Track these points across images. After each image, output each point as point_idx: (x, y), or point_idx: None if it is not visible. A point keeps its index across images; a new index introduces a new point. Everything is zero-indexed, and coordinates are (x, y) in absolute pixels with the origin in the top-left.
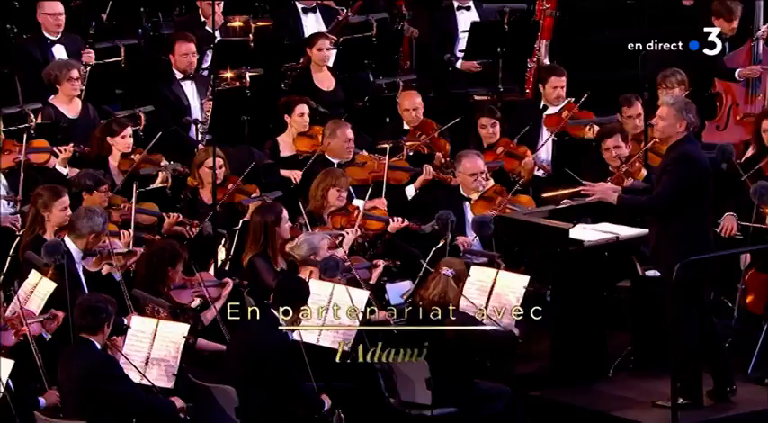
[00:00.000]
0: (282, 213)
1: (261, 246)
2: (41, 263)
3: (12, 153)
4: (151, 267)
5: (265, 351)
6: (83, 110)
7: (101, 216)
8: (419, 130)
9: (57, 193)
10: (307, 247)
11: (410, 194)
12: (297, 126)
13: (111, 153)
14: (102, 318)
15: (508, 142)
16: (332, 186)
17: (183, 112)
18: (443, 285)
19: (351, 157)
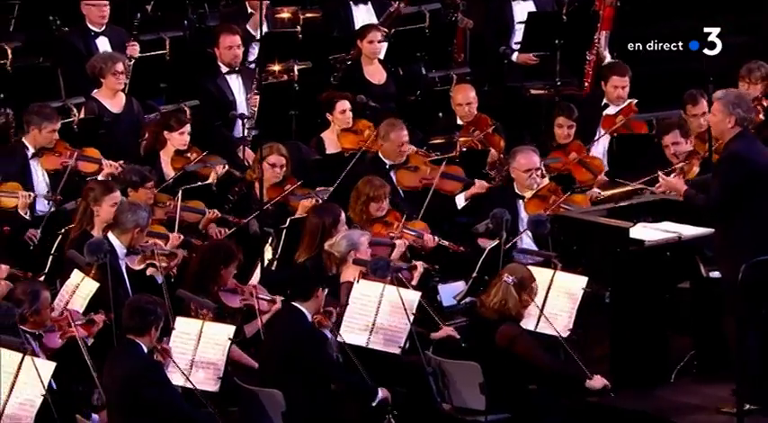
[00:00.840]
0: (341, 216)
1: (316, 248)
2: (84, 262)
3: (62, 156)
4: (204, 265)
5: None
6: (126, 104)
7: (144, 210)
8: (473, 125)
9: (108, 188)
10: (346, 243)
11: (460, 204)
12: (339, 123)
13: (165, 148)
14: (151, 320)
15: (581, 149)
16: (372, 200)
17: (229, 106)
18: (503, 293)
19: (403, 159)
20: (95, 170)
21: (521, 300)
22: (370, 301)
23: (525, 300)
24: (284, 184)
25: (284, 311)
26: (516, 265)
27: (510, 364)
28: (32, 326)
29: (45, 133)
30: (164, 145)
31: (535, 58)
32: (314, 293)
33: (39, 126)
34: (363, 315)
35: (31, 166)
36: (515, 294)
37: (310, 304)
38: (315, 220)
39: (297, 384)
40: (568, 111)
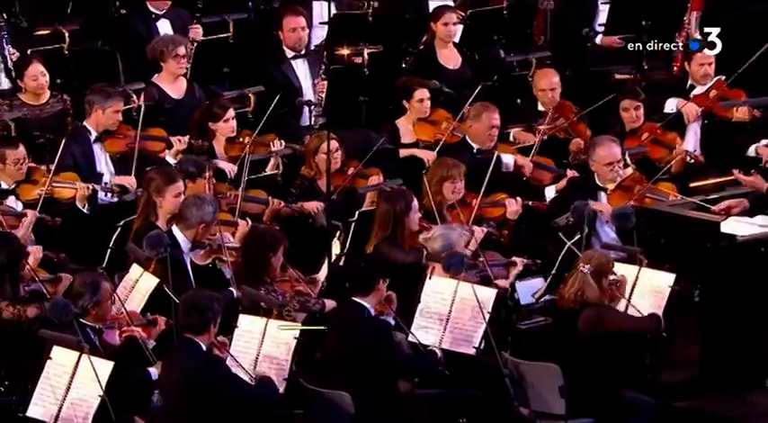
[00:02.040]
0: (413, 202)
1: (388, 235)
2: (143, 256)
3: (126, 138)
4: (251, 255)
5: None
6: (188, 90)
7: (211, 205)
8: (556, 112)
9: (171, 178)
10: (442, 242)
11: (549, 196)
12: (416, 112)
13: (216, 138)
14: (209, 317)
15: (654, 127)
16: (445, 179)
17: (295, 93)
18: (580, 283)
19: (492, 145)
20: (162, 149)
21: (601, 288)
22: (442, 299)
23: (606, 288)
24: (345, 169)
25: (345, 308)
26: (592, 251)
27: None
28: (93, 319)
29: (109, 113)
30: (213, 135)
31: (620, 41)
32: (375, 286)
33: (102, 106)
34: (436, 313)
35: (94, 150)
36: (593, 283)
37: (371, 298)
38: (384, 207)
39: (365, 386)
40: (632, 92)
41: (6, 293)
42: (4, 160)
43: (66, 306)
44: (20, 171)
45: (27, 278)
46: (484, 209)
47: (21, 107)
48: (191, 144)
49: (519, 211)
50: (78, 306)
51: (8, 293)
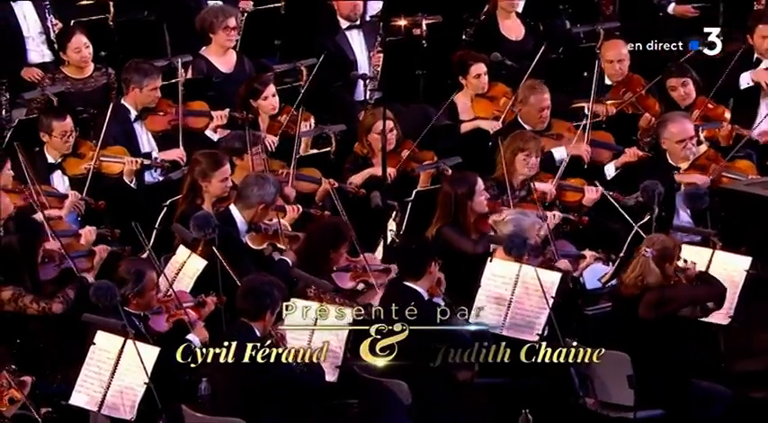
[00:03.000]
0: (477, 184)
1: (451, 220)
2: (190, 237)
3: (167, 115)
4: (311, 249)
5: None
6: (238, 63)
7: (272, 185)
8: (623, 86)
9: (217, 162)
10: (513, 227)
11: (609, 174)
12: (473, 88)
13: (260, 116)
14: (266, 303)
15: (705, 102)
16: (520, 150)
17: (349, 66)
18: (642, 267)
19: (545, 126)
20: (206, 124)
21: (664, 274)
22: (504, 283)
23: (671, 275)
24: (399, 149)
25: (397, 294)
26: (657, 235)
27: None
28: (136, 307)
29: (147, 91)
30: (257, 112)
31: (694, 10)
32: (427, 269)
33: (139, 84)
34: (497, 298)
35: (135, 130)
36: (656, 268)
37: (424, 281)
38: (447, 190)
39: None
40: (678, 70)
41: (24, 281)
42: (51, 132)
43: (111, 289)
44: (66, 144)
45: (57, 256)
46: (560, 191)
47: (63, 81)
48: (234, 118)
49: (596, 199)
50: (120, 293)
51: (26, 281)
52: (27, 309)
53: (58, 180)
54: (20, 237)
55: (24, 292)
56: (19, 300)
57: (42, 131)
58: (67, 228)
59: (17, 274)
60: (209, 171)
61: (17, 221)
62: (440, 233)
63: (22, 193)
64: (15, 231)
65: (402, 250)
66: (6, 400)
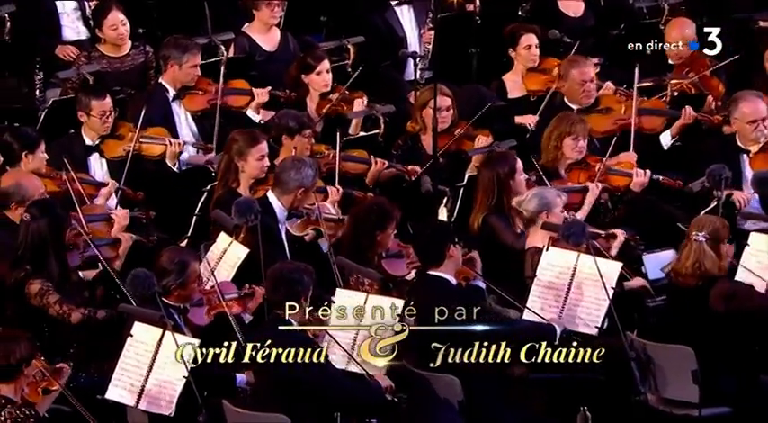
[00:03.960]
0: (517, 164)
1: (492, 203)
2: (231, 224)
3: (206, 94)
4: (356, 231)
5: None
6: (282, 41)
7: (311, 168)
8: (687, 66)
9: (254, 139)
10: (537, 202)
11: (666, 143)
12: (524, 61)
13: (309, 94)
14: (298, 290)
15: None
16: (567, 135)
17: (398, 44)
18: (697, 253)
19: (590, 101)
20: (246, 102)
21: (719, 255)
22: (561, 273)
23: (725, 255)
24: (453, 129)
25: (424, 286)
26: (703, 217)
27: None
28: (176, 299)
29: (186, 69)
30: (307, 90)
31: None
32: (446, 254)
33: (178, 61)
34: (553, 289)
35: (173, 110)
36: (710, 252)
37: (447, 267)
38: (487, 172)
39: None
40: None
41: (52, 269)
42: (89, 111)
43: (148, 278)
44: (105, 125)
45: (82, 244)
46: (606, 176)
47: (99, 59)
48: (275, 96)
49: (646, 183)
50: (161, 285)
51: (54, 269)
52: (49, 308)
53: (95, 163)
54: (49, 221)
55: (52, 290)
56: (45, 296)
57: (80, 111)
58: (99, 211)
59: (45, 261)
60: (246, 148)
61: (41, 205)
62: (486, 222)
63: (58, 178)
64: (41, 215)
65: (416, 237)
66: (40, 390)
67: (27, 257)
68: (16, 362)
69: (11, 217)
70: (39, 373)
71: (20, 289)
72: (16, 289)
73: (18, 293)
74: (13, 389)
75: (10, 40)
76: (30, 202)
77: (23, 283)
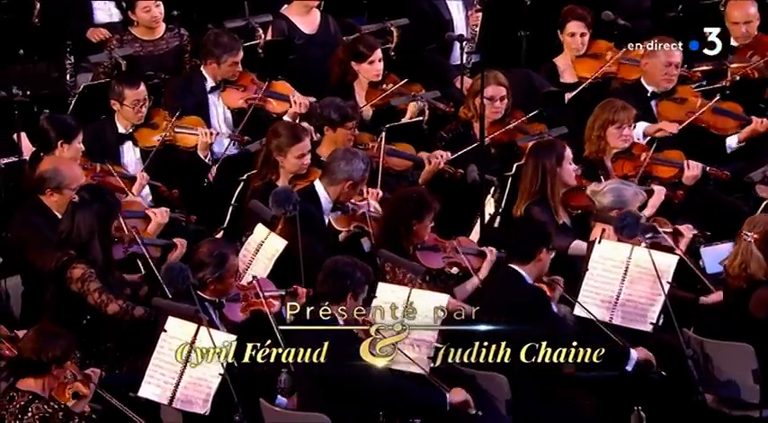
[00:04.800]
0: (565, 152)
1: (538, 193)
2: (269, 215)
3: (246, 91)
4: (393, 220)
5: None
6: (322, 23)
7: (362, 161)
8: (750, 49)
9: (296, 137)
10: (613, 197)
11: (731, 146)
12: (568, 48)
13: (358, 80)
14: (346, 284)
15: None
16: (610, 123)
17: (444, 26)
18: (744, 254)
19: (669, 86)
20: (284, 110)
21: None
22: (614, 266)
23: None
24: (508, 120)
25: (500, 275)
26: (759, 216)
27: None
28: (212, 293)
29: (225, 67)
30: (355, 76)
31: None
32: (537, 255)
33: (217, 59)
34: (606, 283)
35: (209, 100)
36: (758, 254)
37: (531, 267)
38: (533, 160)
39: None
40: None
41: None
42: (122, 100)
43: (183, 272)
44: (138, 114)
45: (128, 238)
46: (653, 166)
47: (132, 43)
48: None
49: (698, 176)
50: (197, 277)
51: (98, 258)
52: (88, 295)
53: (128, 152)
54: (99, 207)
55: (94, 277)
56: (86, 282)
57: (113, 99)
58: (137, 208)
59: (89, 247)
60: (286, 146)
61: (93, 190)
62: (528, 212)
63: (92, 170)
64: (91, 201)
65: (515, 229)
66: (70, 393)
67: (71, 241)
68: (47, 360)
69: (46, 202)
70: (70, 373)
71: (61, 273)
72: (58, 273)
73: (59, 277)
74: (42, 385)
75: (39, 22)
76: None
77: (66, 267)
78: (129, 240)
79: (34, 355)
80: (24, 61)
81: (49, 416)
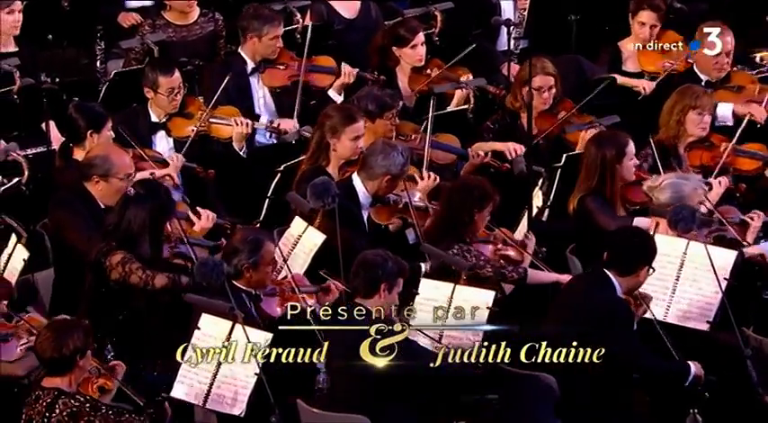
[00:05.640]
0: (628, 146)
1: (595, 186)
2: (307, 207)
3: (288, 69)
4: (452, 209)
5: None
6: (362, 7)
7: (401, 154)
8: None
9: (350, 117)
10: (671, 193)
11: None
12: (637, 36)
13: (400, 66)
14: (378, 276)
15: None
16: (691, 108)
17: (491, 10)
18: None
19: (721, 75)
20: (331, 82)
21: None
22: (669, 262)
23: None
24: (556, 110)
25: (590, 278)
26: None
27: None
28: (247, 283)
29: (266, 41)
30: (397, 62)
31: None
32: (636, 271)
33: (258, 33)
34: (660, 280)
35: (251, 84)
36: None
37: (626, 280)
38: (593, 151)
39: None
40: None
41: (143, 254)
42: (156, 88)
43: (217, 267)
44: (173, 103)
45: (174, 238)
46: (734, 158)
47: (165, 28)
48: (362, 78)
49: None
50: (232, 264)
51: (145, 255)
52: (131, 275)
53: (160, 141)
54: (152, 205)
55: (134, 259)
56: (126, 264)
57: (146, 87)
58: (181, 208)
59: (137, 244)
60: (340, 126)
61: (150, 186)
62: (583, 203)
63: None
64: (146, 197)
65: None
66: (96, 388)
67: (117, 235)
68: (70, 353)
69: (90, 189)
70: (94, 368)
71: (100, 263)
72: (97, 263)
73: (98, 268)
74: (68, 381)
75: (68, 7)
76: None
77: (105, 256)
78: (176, 240)
79: (56, 352)
80: (53, 47)
81: (77, 410)
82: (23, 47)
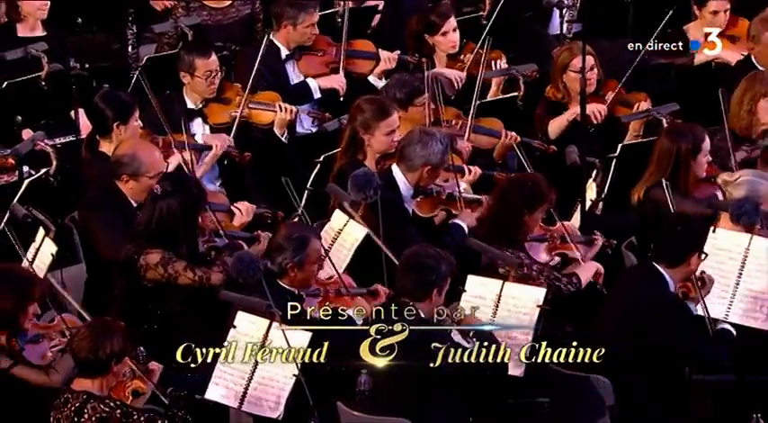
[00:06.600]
0: (704, 143)
1: (666, 178)
2: (348, 200)
3: (325, 55)
4: (501, 212)
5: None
6: None
7: (440, 143)
8: None
9: (384, 111)
10: (747, 191)
11: None
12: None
13: (435, 54)
14: (431, 280)
15: None
16: (762, 96)
17: None
18: None
19: None
20: (372, 67)
21: None
22: (731, 258)
23: None
24: (602, 92)
25: (641, 273)
26: None
27: None
28: (291, 282)
29: (301, 29)
30: (432, 50)
31: None
32: (687, 260)
33: (293, 21)
34: (722, 277)
35: (287, 71)
36: None
37: (677, 271)
38: (667, 144)
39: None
40: None
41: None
42: (193, 71)
43: (253, 263)
44: (211, 87)
45: (209, 231)
46: None
47: (199, 11)
48: (404, 61)
49: None
50: (276, 263)
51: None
52: (179, 277)
53: (197, 129)
54: (182, 199)
55: (176, 258)
56: (170, 265)
57: (183, 71)
58: (220, 200)
59: (173, 244)
60: (373, 122)
61: (176, 180)
62: (649, 195)
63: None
64: (173, 192)
65: (665, 228)
66: (129, 391)
67: (148, 235)
68: (106, 357)
69: (121, 188)
70: (128, 371)
71: (132, 265)
72: (128, 265)
73: (129, 270)
74: (99, 385)
75: None
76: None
77: (138, 256)
78: (211, 232)
79: (91, 354)
80: (83, 32)
81: (106, 415)
82: (51, 31)
